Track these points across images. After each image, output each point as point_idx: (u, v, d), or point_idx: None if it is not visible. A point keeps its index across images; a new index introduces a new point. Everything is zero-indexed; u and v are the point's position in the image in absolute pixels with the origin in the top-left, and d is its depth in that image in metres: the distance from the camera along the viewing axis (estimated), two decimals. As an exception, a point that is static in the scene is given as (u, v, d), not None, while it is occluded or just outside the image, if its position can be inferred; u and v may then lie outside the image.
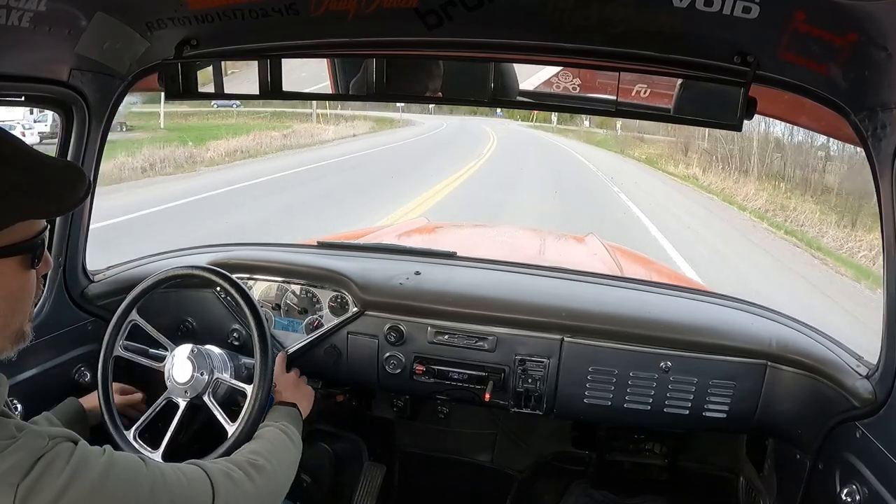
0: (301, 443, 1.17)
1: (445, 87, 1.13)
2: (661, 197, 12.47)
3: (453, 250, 1.70)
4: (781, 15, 0.86)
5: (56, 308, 1.38)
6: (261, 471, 0.99)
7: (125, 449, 1.22)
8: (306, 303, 1.50)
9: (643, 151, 23.04)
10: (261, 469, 0.99)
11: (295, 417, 1.23)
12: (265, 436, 1.13)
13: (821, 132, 1.28)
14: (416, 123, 33.29)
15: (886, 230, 0.98)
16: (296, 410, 1.25)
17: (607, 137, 29.95)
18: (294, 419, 1.22)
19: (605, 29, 0.97)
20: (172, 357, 1.28)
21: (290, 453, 1.12)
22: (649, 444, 1.78)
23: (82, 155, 1.30)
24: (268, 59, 1.13)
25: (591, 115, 18.05)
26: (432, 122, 33.77)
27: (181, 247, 1.71)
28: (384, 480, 1.79)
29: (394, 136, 24.52)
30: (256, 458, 1.01)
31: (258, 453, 1.04)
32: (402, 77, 1.14)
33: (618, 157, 22.67)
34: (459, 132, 27.53)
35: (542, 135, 33.15)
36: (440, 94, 1.14)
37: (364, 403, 1.82)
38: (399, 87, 1.14)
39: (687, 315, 1.42)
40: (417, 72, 1.15)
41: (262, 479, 0.98)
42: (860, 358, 1.20)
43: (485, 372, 1.41)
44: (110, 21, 1.08)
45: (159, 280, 1.32)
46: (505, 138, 24.91)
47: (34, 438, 0.68)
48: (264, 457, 1.03)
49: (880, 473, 0.99)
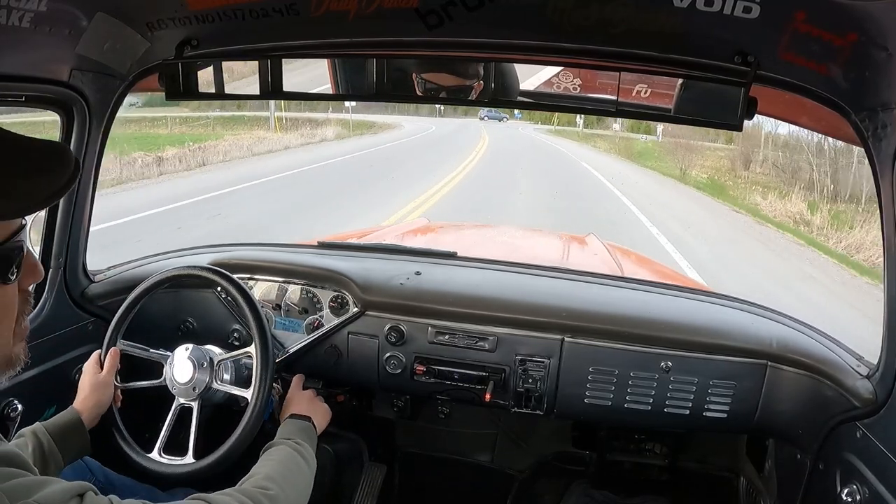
0: (315, 461, 1.13)
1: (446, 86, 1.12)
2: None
3: (454, 250, 1.70)
4: (782, 15, 0.86)
5: (56, 308, 1.39)
6: (275, 501, 0.93)
7: (153, 469, 1.23)
8: (307, 303, 1.50)
9: (700, 165, 17.59)
10: (274, 499, 0.93)
11: (309, 433, 1.18)
12: (278, 457, 1.06)
13: (821, 132, 1.28)
14: (399, 127, 28.41)
15: (887, 230, 0.98)
16: (310, 426, 1.20)
17: (648, 146, 23.01)
18: (308, 435, 1.17)
19: (606, 29, 0.97)
20: (171, 364, 1.29)
21: (303, 475, 1.06)
22: (650, 444, 1.78)
23: (82, 155, 1.31)
24: (268, 59, 1.13)
25: (622, 118, 13.73)
26: (414, 126, 28.56)
27: (182, 247, 1.71)
28: (385, 480, 1.79)
29: (356, 144, 19.80)
30: (269, 487, 0.95)
31: (271, 479, 0.97)
32: (403, 77, 1.14)
33: (672, 182, 15.67)
34: (439, 141, 22.57)
35: (559, 146, 24.33)
36: (440, 94, 1.14)
37: (364, 403, 1.82)
38: (399, 87, 1.14)
39: (687, 315, 1.42)
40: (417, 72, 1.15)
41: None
42: (860, 358, 1.20)
43: (485, 372, 1.41)
44: (111, 21, 1.08)
45: (160, 280, 1.32)
46: (496, 155, 18.01)
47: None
48: (278, 483, 0.96)
49: (881, 473, 0.99)
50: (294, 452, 1.08)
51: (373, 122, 28.42)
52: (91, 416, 1.18)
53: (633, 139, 25.45)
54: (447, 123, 33.82)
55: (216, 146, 15.18)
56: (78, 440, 1.12)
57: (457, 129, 29.72)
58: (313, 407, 1.27)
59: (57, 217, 1.34)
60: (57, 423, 1.11)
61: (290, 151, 16.98)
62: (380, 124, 28.35)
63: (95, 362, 1.25)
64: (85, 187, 1.35)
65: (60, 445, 1.07)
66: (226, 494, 0.88)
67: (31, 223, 1.36)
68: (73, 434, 1.12)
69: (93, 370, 1.24)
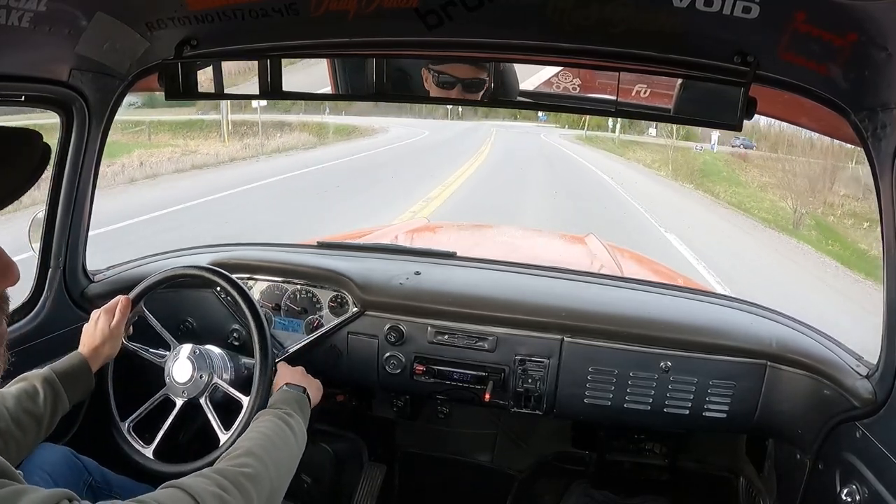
0: (305, 434, 1.08)
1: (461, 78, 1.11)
2: None
3: (453, 250, 1.70)
4: (781, 15, 0.86)
5: (56, 308, 1.38)
6: (255, 480, 0.87)
7: (115, 438, 1.24)
8: (306, 303, 1.50)
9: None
10: (255, 478, 0.87)
11: (302, 403, 1.14)
12: (264, 429, 1.01)
13: (821, 132, 1.28)
14: (383, 131, 24.69)
15: (886, 230, 0.98)
16: (304, 396, 1.16)
17: (709, 159, 16.30)
18: (301, 405, 1.13)
19: (605, 29, 0.97)
20: (175, 356, 1.29)
21: (290, 449, 1.01)
22: (649, 444, 1.79)
23: (82, 155, 1.31)
24: (268, 59, 1.13)
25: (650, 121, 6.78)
26: (402, 132, 24.11)
27: (181, 247, 1.71)
28: (384, 480, 1.79)
29: (300, 159, 15.43)
30: (249, 464, 0.89)
31: (252, 454, 0.92)
32: (402, 77, 1.14)
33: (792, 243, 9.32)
34: (420, 153, 17.62)
35: (593, 164, 17.05)
36: (455, 87, 1.13)
37: (364, 403, 1.82)
38: (399, 87, 1.14)
39: (687, 315, 1.42)
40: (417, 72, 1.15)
41: (256, 489, 0.86)
42: (860, 358, 1.20)
43: (485, 372, 1.41)
44: (110, 21, 1.08)
45: (159, 280, 1.32)
46: (491, 184, 12.02)
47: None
48: (260, 459, 0.91)
49: (880, 473, 0.99)
50: (282, 424, 1.03)
51: (355, 127, 24.99)
52: (96, 364, 1.18)
53: (685, 148, 18.41)
54: (452, 127, 29.43)
55: (131, 160, 12.89)
56: (84, 385, 1.14)
57: (458, 134, 24.91)
58: (306, 380, 1.24)
59: (56, 217, 1.34)
60: (65, 368, 1.12)
61: (235, 165, 14.25)
62: (362, 129, 24.72)
63: (111, 310, 1.23)
64: (85, 187, 1.35)
65: (69, 390, 1.10)
66: (201, 476, 0.83)
67: (31, 223, 1.37)
68: (82, 379, 1.14)
69: (108, 317, 1.22)
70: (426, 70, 1.13)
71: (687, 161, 16.60)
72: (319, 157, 16.15)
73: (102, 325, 1.21)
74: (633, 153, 20.72)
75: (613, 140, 21.07)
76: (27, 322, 1.33)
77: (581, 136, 23.87)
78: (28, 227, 1.37)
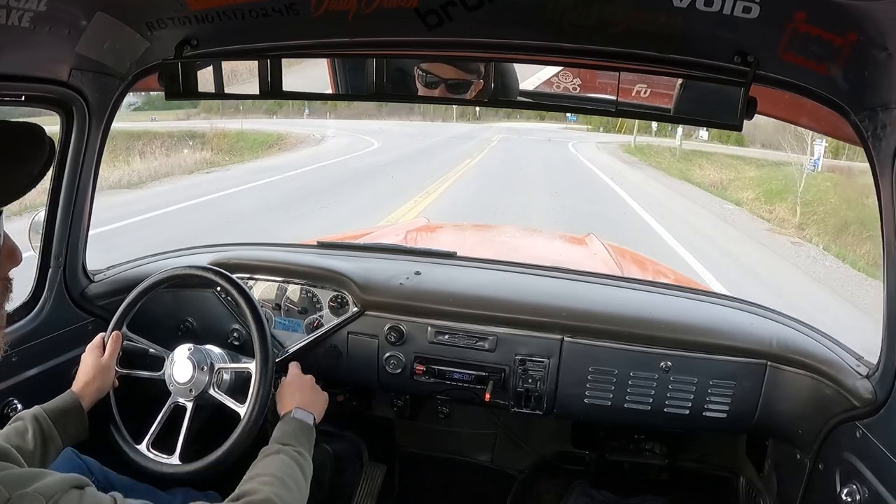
0: (311, 467, 1.08)
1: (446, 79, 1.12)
2: None
3: (453, 250, 1.70)
4: (781, 15, 0.86)
5: (56, 308, 1.38)
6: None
7: (139, 462, 1.22)
8: (306, 303, 1.50)
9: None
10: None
11: (309, 435, 1.14)
12: (275, 469, 1.00)
13: (821, 132, 1.28)
14: (320, 141, 20.10)
15: (886, 230, 0.98)
16: (311, 426, 1.16)
17: (828, 186, 10.57)
18: (308, 437, 1.13)
19: (605, 29, 0.97)
20: (172, 362, 1.28)
21: (301, 487, 1.01)
22: (649, 444, 1.78)
23: (82, 155, 1.31)
24: (268, 59, 1.13)
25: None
26: (336, 144, 19.04)
27: (181, 247, 1.71)
28: (384, 480, 1.80)
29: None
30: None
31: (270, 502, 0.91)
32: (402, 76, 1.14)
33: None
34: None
35: (679, 212, 9.46)
36: (440, 87, 1.14)
37: (364, 403, 1.82)
38: (399, 87, 1.14)
39: (687, 315, 1.42)
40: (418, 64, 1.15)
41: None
42: (860, 358, 1.19)
43: (485, 372, 1.41)
44: (110, 21, 1.08)
45: (160, 280, 1.32)
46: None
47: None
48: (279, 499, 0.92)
49: (880, 473, 0.99)
50: (293, 463, 1.03)
51: (280, 136, 19.93)
52: (90, 400, 1.17)
53: (786, 166, 12.22)
54: (439, 132, 24.58)
55: None
56: (77, 424, 1.12)
57: (432, 147, 18.88)
58: (314, 396, 1.23)
59: (56, 217, 1.34)
60: (56, 406, 1.10)
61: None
62: (290, 139, 19.50)
63: (98, 345, 1.24)
64: (85, 187, 1.35)
65: (60, 429, 1.07)
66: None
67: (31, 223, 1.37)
68: (73, 417, 1.11)
69: (95, 353, 1.23)
70: (416, 69, 1.14)
71: (825, 205, 9.43)
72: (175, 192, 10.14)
73: (92, 361, 1.21)
74: (697, 166, 13.33)
75: (673, 150, 13.58)
76: (27, 322, 1.33)
77: (629, 145, 15.55)
78: (28, 228, 1.37)
